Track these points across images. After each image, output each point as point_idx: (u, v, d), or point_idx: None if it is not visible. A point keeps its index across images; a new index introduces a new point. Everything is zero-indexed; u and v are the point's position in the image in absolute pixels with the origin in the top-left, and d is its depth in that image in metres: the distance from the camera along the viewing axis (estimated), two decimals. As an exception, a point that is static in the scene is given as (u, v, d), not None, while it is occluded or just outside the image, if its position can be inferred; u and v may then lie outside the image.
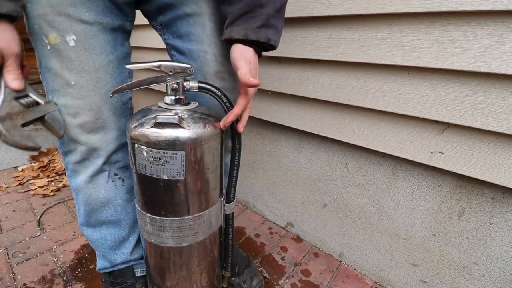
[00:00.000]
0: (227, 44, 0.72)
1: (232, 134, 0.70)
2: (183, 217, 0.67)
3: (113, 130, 0.73)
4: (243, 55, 0.61)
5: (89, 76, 0.65)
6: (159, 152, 0.58)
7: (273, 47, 0.64)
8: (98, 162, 0.74)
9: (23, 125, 0.56)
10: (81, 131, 0.69)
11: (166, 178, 0.61)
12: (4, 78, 0.54)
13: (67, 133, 0.69)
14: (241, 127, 0.67)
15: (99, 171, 0.75)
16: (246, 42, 0.61)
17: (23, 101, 0.57)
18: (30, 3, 0.58)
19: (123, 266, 0.90)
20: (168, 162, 0.59)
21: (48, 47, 0.62)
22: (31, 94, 0.59)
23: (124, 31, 0.72)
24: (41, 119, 0.61)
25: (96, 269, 0.92)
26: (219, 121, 0.66)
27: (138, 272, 0.92)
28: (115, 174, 0.80)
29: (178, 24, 0.72)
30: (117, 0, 0.65)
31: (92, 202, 0.79)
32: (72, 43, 0.61)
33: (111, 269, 0.90)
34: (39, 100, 0.60)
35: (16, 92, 0.55)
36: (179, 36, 0.73)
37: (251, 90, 0.63)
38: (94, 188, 0.77)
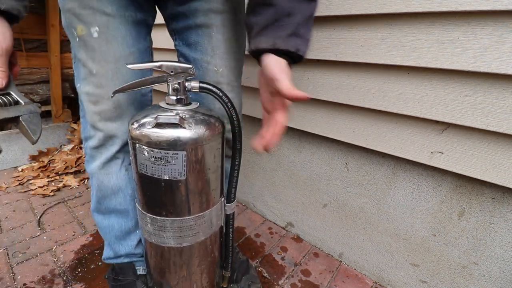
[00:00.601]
0: (232, 55, 0.75)
1: (232, 134, 0.70)
2: (184, 217, 0.67)
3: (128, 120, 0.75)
4: (280, 65, 0.54)
5: (109, 66, 0.68)
6: (160, 152, 0.58)
7: (301, 58, 0.58)
8: (112, 149, 0.77)
9: None
10: (99, 118, 0.72)
11: (167, 178, 0.61)
12: None
13: (88, 119, 0.73)
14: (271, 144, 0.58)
15: (113, 158, 0.78)
16: (275, 52, 0.55)
17: None
18: None
19: (126, 260, 0.92)
20: (169, 162, 0.59)
21: (77, 39, 0.66)
22: (12, 93, 0.56)
23: (147, 25, 0.75)
24: (15, 120, 0.56)
25: (102, 258, 0.94)
26: (220, 121, 0.66)
27: (140, 270, 0.93)
28: (130, 164, 0.82)
29: (188, 33, 0.75)
30: None
31: (103, 188, 0.82)
32: (95, 34, 0.65)
33: (114, 260, 0.92)
34: (20, 100, 0.57)
35: None
36: (188, 44, 0.76)
37: (287, 105, 0.57)
38: (106, 175, 0.80)
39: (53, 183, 1.67)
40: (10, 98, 0.55)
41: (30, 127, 0.57)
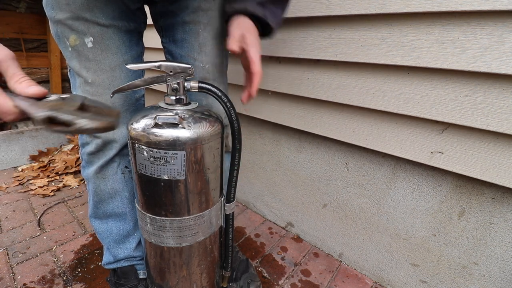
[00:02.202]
0: (218, 53, 0.77)
1: (232, 134, 0.70)
2: (183, 217, 0.67)
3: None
4: (239, 24, 0.63)
5: (105, 75, 0.69)
6: (159, 152, 0.58)
7: (269, 28, 0.65)
8: (110, 153, 0.77)
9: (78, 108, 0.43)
10: None
11: (167, 178, 0.61)
12: (15, 89, 0.41)
13: None
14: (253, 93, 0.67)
15: (109, 161, 0.79)
16: (245, 14, 0.64)
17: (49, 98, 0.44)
18: (54, 10, 0.62)
19: (126, 263, 0.92)
20: (169, 162, 0.59)
21: (70, 49, 0.66)
22: (51, 95, 0.46)
23: (139, 32, 0.76)
24: (83, 108, 0.46)
25: (102, 264, 0.94)
26: (220, 121, 0.66)
27: (141, 274, 0.93)
28: (126, 167, 0.83)
29: (175, 30, 0.76)
30: (130, 7, 0.69)
31: (100, 193, 0.82)
32: (90, 44, 0.65)
33: (115, 265, 0.92)
34: (63, 95, 0.47)
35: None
36: (174, 41, 0.77)
37: (254, 62, 0.63)
38: (103, 178, 0.80)
39: (53, 183, 1.67)
40: (55, 97, 0.45)
41: (101, 104, 0.48)
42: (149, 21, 0.81)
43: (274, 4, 0.66)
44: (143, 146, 0.59)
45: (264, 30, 0.67)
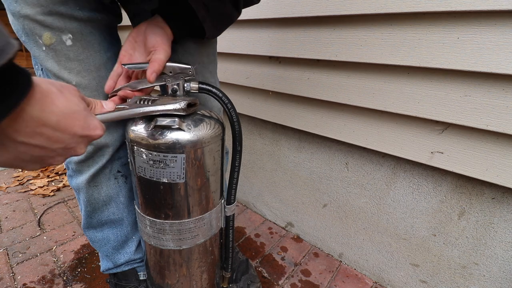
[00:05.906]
0: (204, 52, 0.73)
1: (233, 135, 0.70)
2: (183, 220, 0.66)
3: (119, 128, 0.72)
4: (136, 36, 0.61)
5: (91, 76, 0.63)
6: (159, 155, 0.58)
7: (192, 10, 0.59)
8: (102, 160, 0.72)
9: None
10: None
11: (166, 181, 0.61)
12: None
13: None
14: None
15: (102, 168, 0.74)
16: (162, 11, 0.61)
17: None
18: (18, 3, 0.52)
19: (126, 267, 0.90)
20: (168, 165, 0.59)
21: (44, 48, 0.57)
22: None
23: (116, 28, 0.71)
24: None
25: (100, 270, 0.92)
26: (220, 122, 0.66)
27: (141, 276, 0.92)
28: (118, 171, 0.78)
29: None
30: (103, 0, 0.63)
31: (94, 201, 0.78)
32: (69, 42, 0.58)
33: (115, 270, 0.90)
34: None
35: None
36: None
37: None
38: (95, 186, 0.76)
39: (53, 183, 1.67)
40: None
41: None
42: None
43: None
44: (142, 149, 0.59)
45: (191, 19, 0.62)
